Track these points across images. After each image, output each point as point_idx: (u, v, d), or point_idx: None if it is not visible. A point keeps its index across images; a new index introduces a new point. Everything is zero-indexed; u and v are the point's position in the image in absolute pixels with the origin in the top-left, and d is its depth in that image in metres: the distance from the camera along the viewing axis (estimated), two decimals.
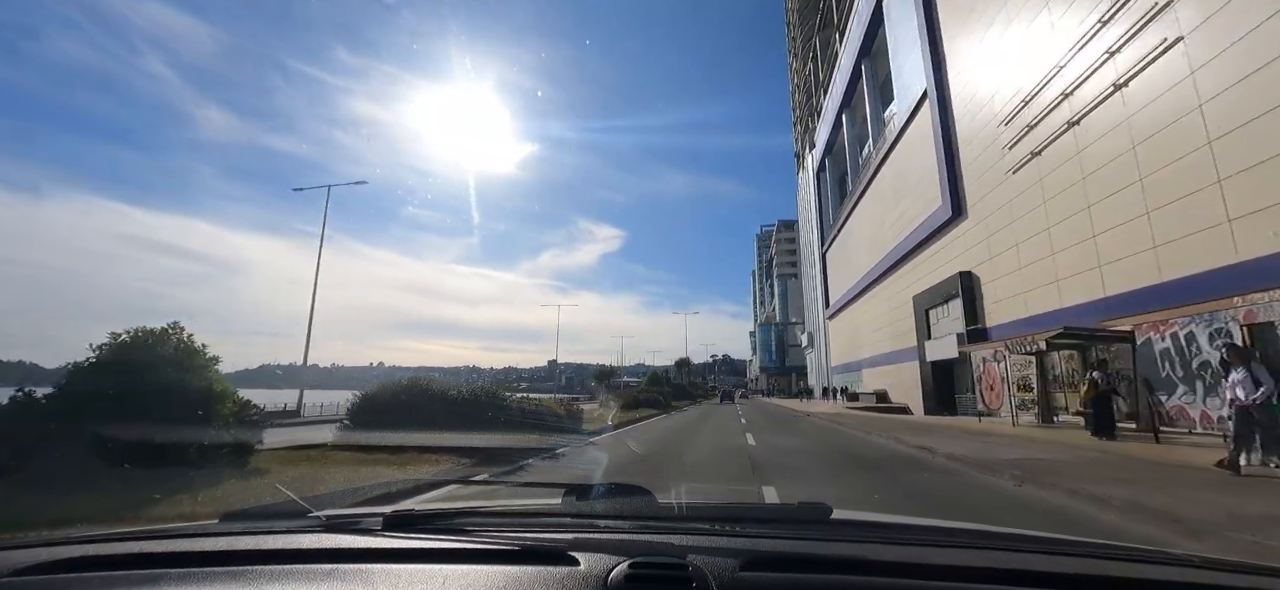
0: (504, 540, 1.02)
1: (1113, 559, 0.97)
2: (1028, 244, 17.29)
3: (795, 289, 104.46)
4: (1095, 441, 10.26)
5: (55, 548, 1.04)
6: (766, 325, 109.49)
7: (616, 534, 1.07)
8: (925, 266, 25.86)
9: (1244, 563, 0.97)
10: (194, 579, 0.89)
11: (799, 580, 0.86)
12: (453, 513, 1.19)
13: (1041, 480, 6.61)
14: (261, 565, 0.94)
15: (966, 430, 13.58)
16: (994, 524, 1.48)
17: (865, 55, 36.65)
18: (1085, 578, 0.88)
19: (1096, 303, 13.97)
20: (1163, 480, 6.50)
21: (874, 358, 36.33)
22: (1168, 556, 1.00)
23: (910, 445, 10.74)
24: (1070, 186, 15.13)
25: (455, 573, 0.87)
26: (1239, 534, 4.26)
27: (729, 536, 1.02)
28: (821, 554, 0.97)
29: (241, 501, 5.09)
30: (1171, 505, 5.13)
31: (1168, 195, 11.81)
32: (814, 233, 61.44)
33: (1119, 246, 13.26)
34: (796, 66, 72.38)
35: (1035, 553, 1.01)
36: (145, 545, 1.05)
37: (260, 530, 1.13)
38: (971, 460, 8.39)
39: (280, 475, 6.78)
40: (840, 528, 1.15)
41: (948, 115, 22.96)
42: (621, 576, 0.82)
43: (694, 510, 1.22)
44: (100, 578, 0.92)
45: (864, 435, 13.49)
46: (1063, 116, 15.39)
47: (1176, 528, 4.57)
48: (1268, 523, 4.54)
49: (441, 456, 8.21)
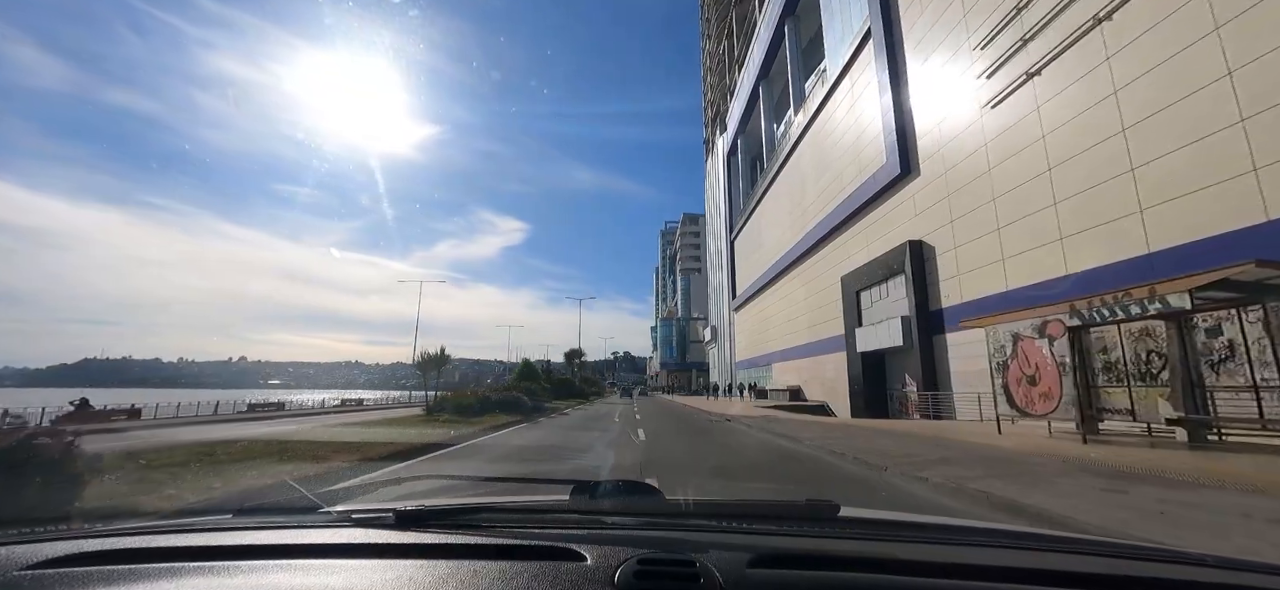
0: (514, 536, 1.03)
1: (1123, 557, 0.95)
2: (1014, 196, 13.30)
3: (699, 284, 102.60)
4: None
5: (71, 541, 1.04)
6: (668, 321, 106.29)
7: (625, 530, 1.08)
8: (858, 241, 21.94)
9: (1258, 562, 0.94)
10: (210, 572, 0.90)
11: (807, 577, 0.85)
12: (465, 509, 1.18)
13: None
14: (276, 559, 0.94)
15: (978, 445, 8.86)
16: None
17: (789, 14, 32.83)
18: (1095, 576, 0.87)
19: (1138, 260, 9.93)
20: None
21: (787, 351, 32.65)
22: (1180, 556, 0.97)
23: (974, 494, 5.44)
24: (1090, 107, 11.08)
25: (466, 568, 0.87)
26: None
27: (737, 533, 1.07)
28: (829, 551, 0.98)
29: None
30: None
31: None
32: (721, 222, 58.16)
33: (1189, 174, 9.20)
34: (711, 47, 69.05)
35: (1044, 550, 1.02)
36: (161, 539, 1.07)
37: (274, 525, 1.16)
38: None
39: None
40: (848, 525, 1.16)
41: (896, 47, 18.96)
42: (630, 572, 0.82)
43: (702, 507, 1.23)
44: (117, 572, 0.91)
45: (837, 460, 8.14)
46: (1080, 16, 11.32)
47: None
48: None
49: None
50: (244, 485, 5.69)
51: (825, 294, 25.50)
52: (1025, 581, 0.87)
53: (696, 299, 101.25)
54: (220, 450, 7.88)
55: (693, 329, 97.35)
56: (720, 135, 59.24)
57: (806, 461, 7.96)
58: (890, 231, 19.28)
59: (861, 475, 6.77)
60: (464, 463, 8.03)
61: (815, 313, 27.40)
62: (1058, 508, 4.51)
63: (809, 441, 9.92)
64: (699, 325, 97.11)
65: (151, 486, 5.42)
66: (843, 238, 23.72)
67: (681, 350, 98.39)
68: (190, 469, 6.46)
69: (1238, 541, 3.61)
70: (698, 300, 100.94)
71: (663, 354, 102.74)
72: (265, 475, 6.20)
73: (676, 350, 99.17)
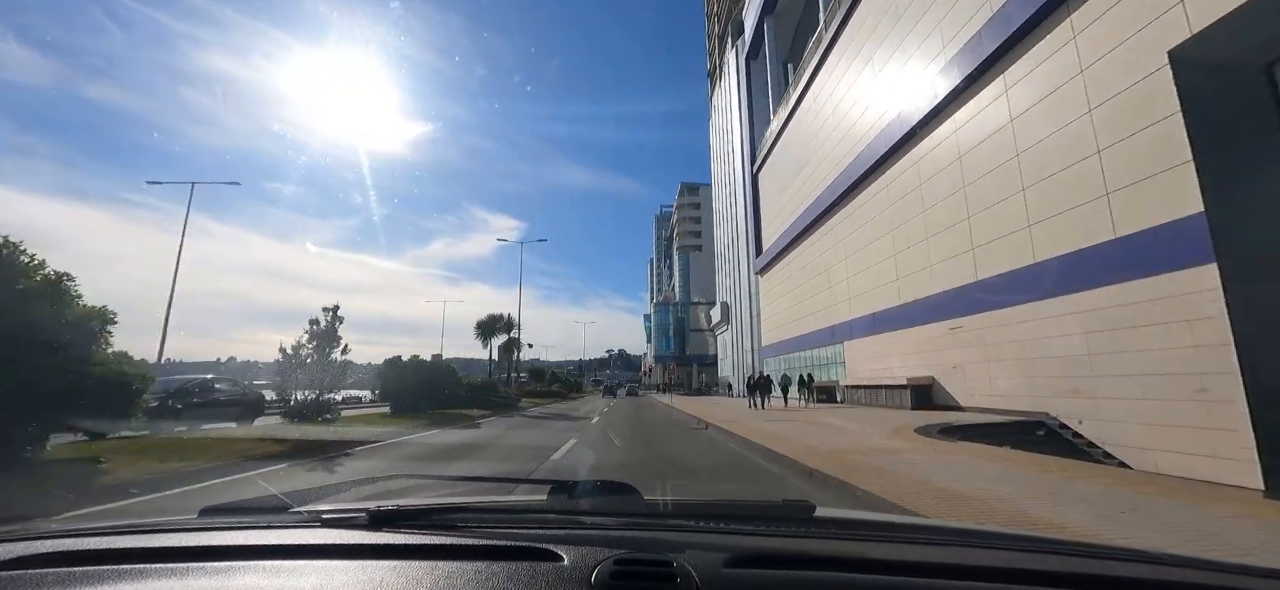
0: (490, 537, 1.01)
1: (1101, 558, 0.95)
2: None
3: (700, 263, 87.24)
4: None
5: (33, 542, 1.02)
6: (664, 306, 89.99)
7: (602, 530, 1.06)
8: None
9: (1242, 565, 0.93)
10: (176, 574, 0.87)
11: (783, 577, 0.85)
12: (439, 509, 1.15)
13: None
14: (245, 561, 0.92)
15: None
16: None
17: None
18: (1072, 576, 0.87)
19: None
20: None
21: (898, 310, 17.49)
22: (1153, 556, 0.97)
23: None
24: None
25: (441, 569, 0.85)
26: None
27: (714, 533, 1.04)
28: (806, 551, 0.97)
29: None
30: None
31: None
32: (738, 160, 42.98)
33: None
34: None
35: (1020, 551, 1.01)
36: (125, 540, 1.04)
37: (242, 525, 1.12)
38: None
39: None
40: (825, 525, 1.14)
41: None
42: (607, 573, 0.81)
43: (679, 507, 1.23)
44: (75, 573, 0.88)
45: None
46: None
47: None
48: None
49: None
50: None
51: (1078, 142, 10.33)
52: (999, 580, 0.86)
53: (698, 281, 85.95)
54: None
55: (694, 316, 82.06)
56: (732, 46, 44.00)
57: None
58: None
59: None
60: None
61: (1053, 192, 12.18)
62: None
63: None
64: (701, 311, 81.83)
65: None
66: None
67: (680, 341, 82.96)
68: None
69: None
70: (700, 282, 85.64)
71: (658, 346, 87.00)
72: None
73: (674, 341, 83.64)
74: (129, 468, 6.13)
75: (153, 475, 5.93)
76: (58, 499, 4.89)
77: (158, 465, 6.36)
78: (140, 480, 5.70)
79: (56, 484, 5.32)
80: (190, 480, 6.00)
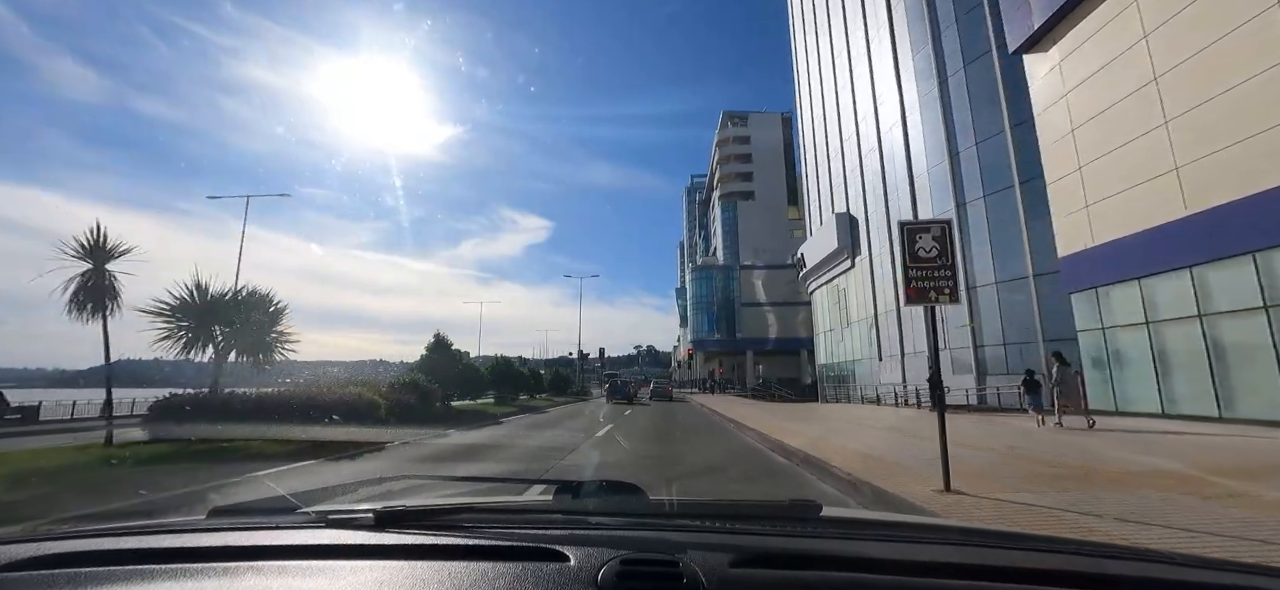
0: (497, 537, 1.01)
1: (1104, 557, 0.95)
2: None
3: (752, 214, 64.66)
4: None
5: (43, 543, 1.02)
6: (704, 272, 65.44)
7: (608, 531, 1.06)
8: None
9: (1243, 563, 0.94)
10: (185, 575, 0.88)
11: (789, 577, 0.85)
12: (445, 509, 1.15)
13: None
14: (254, 561, 0.93)
15: None
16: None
17: None
18: (1076, 575, 0.86)
19: None
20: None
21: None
22: (1163, 556, 0.96)
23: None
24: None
25: (447, 569, 0.85)
26: None
27: (720, 533, 1.04)
28: (812, 550, 0.96)
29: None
30: None
31: None
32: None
33: None
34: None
35: (1025, 550, 1.01)
36: (131, 541, 1.04)
37: (251, 526, 1.12)
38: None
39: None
40: (830, 525, 1.14)
41: None
42: (613, 573, 0.80)
43: (685, 507, 1.24)
44: (85, 574, 0.88)
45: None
46: None
47: None
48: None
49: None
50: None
51: None
52: (1005, 579, 0.86)
53: (749, 238, 63.58)
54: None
55: (745, 283, 59.67)
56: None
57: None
58: None
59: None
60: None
61: None
62: None
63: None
64: (756, 277, 59.27)
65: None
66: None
67: (727, 319, 60.57)
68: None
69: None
70: (751, 237, 63.09)
71: (696, 327, 64.35)
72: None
73: (719, 319, 61.23)
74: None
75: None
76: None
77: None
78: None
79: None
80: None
